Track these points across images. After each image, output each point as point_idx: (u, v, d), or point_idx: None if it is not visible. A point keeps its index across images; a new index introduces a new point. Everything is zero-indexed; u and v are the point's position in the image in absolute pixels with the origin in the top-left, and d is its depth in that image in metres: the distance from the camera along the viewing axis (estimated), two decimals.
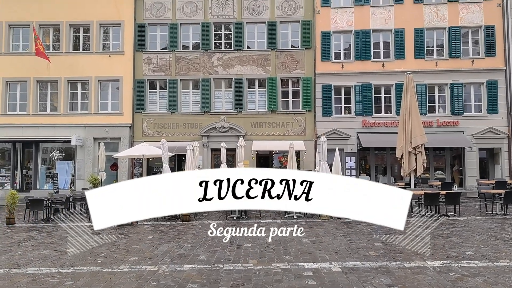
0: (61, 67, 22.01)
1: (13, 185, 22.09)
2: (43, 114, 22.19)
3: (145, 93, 22.34)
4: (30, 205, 13.93)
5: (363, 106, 21.66)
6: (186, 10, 22.63)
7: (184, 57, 22.47)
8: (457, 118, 21.32)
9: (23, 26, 22.52)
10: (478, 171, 21.30)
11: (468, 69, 21.46)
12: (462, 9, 21.82)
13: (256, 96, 22.48)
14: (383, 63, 21.79)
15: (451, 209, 14.28)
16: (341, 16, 22.19)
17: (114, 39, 22.82)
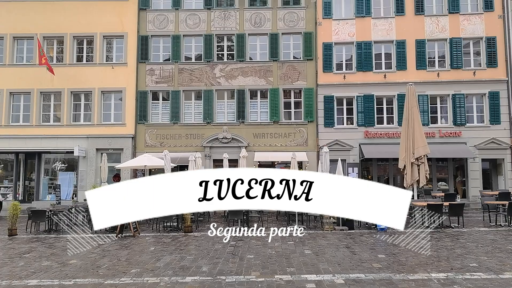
0: (64, 78, 22.17)
1: (16, 196, 22.10)
2: (46, 125, 22.28)
3: (147, 104, 22.44)
4: (32, 216, 13.91)
5: (365, 117, 21.69)
6: (189, 22, 22.82)
7: (186, 69, 22.60)
8: (459, 129, 21.31)
9: (27, 38, 22.73)
10: (481, 182, 21.21)
11: (470, 80, 21.50)
12: (463, 20, 21.94)
13: (258, 107, 22.53)
14: (385, 74, 21.86)
15: (455, 220, 14.19)
16: (342, 27, 22.33)
17: (118, 50, 23.00)
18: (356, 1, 22.35)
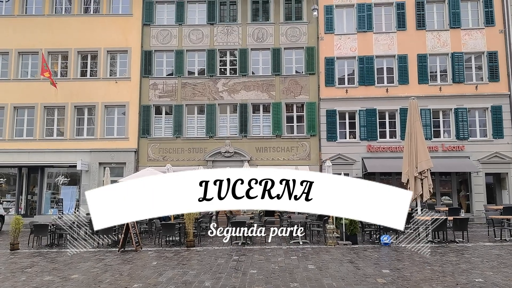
0: (68, 93, 22.34)
1: (18, 210, 22.07)
2: (50, 139, 22.37)
3: (150, 118, 22.53)
4: (34, 231, 13.87)
5: (368, 131, 21.70)
6: (192, 37, 23.05)
7: (189, 83, 22.75)
8: (462, 143, 21.28)
9: (32, 53, 22.98)
10: (485, 196, 21.08)
11: (472, 94, 21.55)
12: (464, 35, 22.09)
13: (261, 121, 22.60)
14: (387, 88, 21.94)
15: (459, 235, 14.07)
16: (344, 42, 22.51)
17: (121, 65, 23.20)
18: (358, 16, 22.56)
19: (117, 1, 23.64)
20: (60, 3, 23.72)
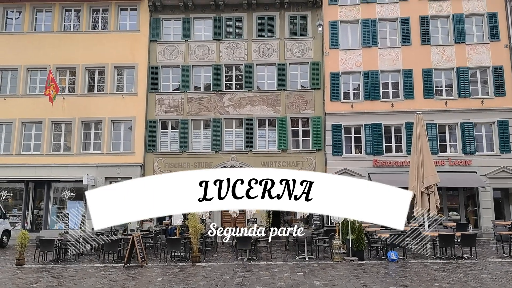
0: (75, 108, 22.56)
1: (24, 225, 22.12)
2: (56, 154, 22.52)
3: (156, 133, 22.65)
4: (40, 246, 13.88)
5: (374, 145, 21.66)
6: (198, 53, 23.29)
7: (195, 98, 22.90)
8: (469, 157, 21.15)
9: (40, 69, 23.28)
10: (493, 211, 20.84)
11: (478, 109, 21.50)
12: (469, 50, 22.14)
13: (267, 135, 22.64)
14: (393, 103, 21.96)
15: (467, 251, 13.90)
16: (349, 57, 22.63)
17: (128, 80, 23.43)
18: (363, 32, 22.72)
19: (125, 18, 24.01)
20: (69, 20, 24.13)
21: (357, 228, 13.21)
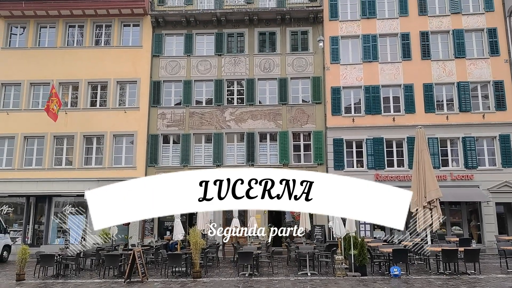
0: (78, 122, 22.66)
1: (25, 239, 22.01)
2: (58, 168, 22.53)
3: (158, 147, 22.69)
4: (40, 261, 13.80)
5: (375, 159, 21.64)
6: (200, 68, 23.47)
7: (197, 112, 23.00)
8: (471, 172, 21.09)
9: (43, 84, 23.44)
10: (497, 226, 20.69)
11: (480, 123, 21.52)
12: (469, 65, 22.26)
13: (268, 149, 22.66)
14: (394, 117, 22.01)
15: (471, 267, 13.77)
16: (350, 72, 22.77)
17: (130, 95, 23.56)
18: (363, 47, 22.90)
19: (128, 33, 24.27)
20: (72, 35, 24.38)
21: (359, 243, 13.12)
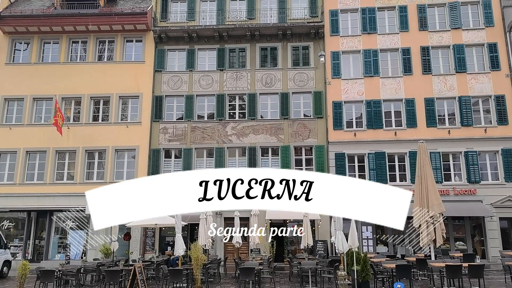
0: (80, 137, 22.71)
1: (25, 255, 21.87)
2: (60, 183, 22.50)
3: (160, 161, 22.69)
4: (40, 277, 13.68)
5: (378, 174, 21.56)
6: (202, 83, 23.60)
7: (199, 127, 23.05)
8: (474, 186, 20.98)
9: (46, 99, 23.56)
10: (501, 241, 20.47)
11: (482, 137, 21.49)
12: (470, 79, 22.33)
13: (270, 164, 22.62)
14: (395, 131, 22.01)
15: (475, 282, 13.59)
16: (351, 86, 22.85)
17: (132, 110, 23.66)
18: (364, 62, 23.03)
19: (130, 49, 24.49)
20: (76, 51, 24.62)
21: (362, 258, 12.99)
